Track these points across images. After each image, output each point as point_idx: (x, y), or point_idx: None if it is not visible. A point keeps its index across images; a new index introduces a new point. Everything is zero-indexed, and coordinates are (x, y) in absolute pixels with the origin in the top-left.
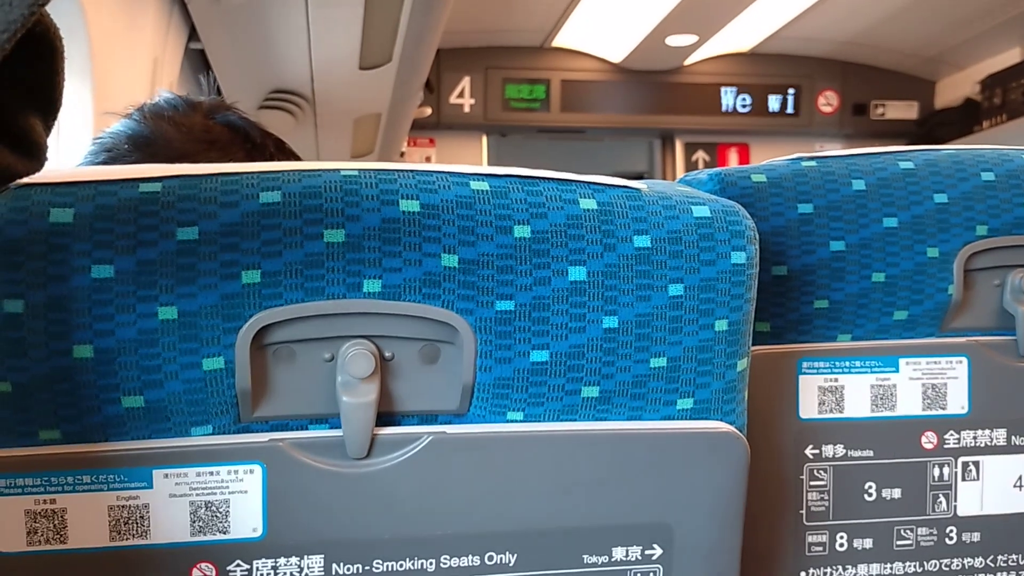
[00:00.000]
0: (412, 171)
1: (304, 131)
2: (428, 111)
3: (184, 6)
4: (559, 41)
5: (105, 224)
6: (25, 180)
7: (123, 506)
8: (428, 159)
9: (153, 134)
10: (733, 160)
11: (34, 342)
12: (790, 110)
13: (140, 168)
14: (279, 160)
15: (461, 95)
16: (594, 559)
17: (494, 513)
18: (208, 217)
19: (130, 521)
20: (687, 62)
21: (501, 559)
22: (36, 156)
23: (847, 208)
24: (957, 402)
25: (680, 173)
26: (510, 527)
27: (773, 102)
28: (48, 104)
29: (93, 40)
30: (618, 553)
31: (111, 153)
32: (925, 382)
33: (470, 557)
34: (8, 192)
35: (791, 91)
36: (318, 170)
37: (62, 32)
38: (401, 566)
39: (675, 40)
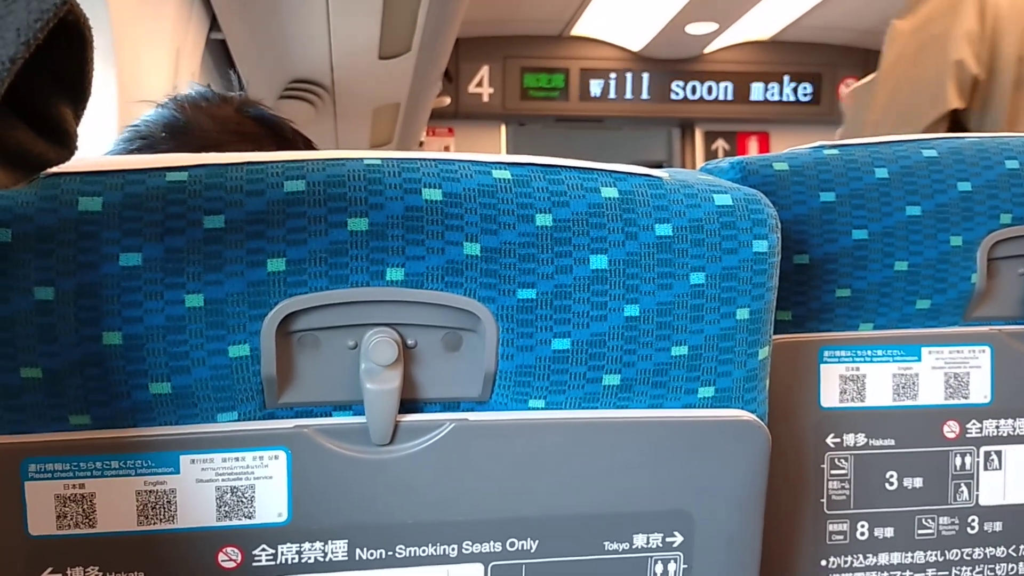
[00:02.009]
0: (435, 160)
1: (323, 121)
2: (447, 101)
3: None
4: (578, 30)
5: (133, 212)
6: (54, 169)
7: (151, 491)
8: (447, 149)
9: (190, 122)
10: (753, 149)
11: (64, 328)
12: (811, 98)
13: (167, 157)
14: None
15: (480, 84)
16: (615, 546)
17: (515, 500)
18: (234, 205)
19: (157, 506)
20: (707, 50)
21: (522, 545)
22: (67, 145)
23: (870, 196)
24: (980, 391)
25: (700, 162)
26: (531, 514)
27: (794, 90)
28: (78, 93)
29: (116, 29)
30: (639, 540)
31: (146, 140)
32: (948, 371)
33: (492, 543)
34: (38, 181)
35: (812, 79)
36: (342, 159)
37: None
38: (423, 551)
39: (695, 28)
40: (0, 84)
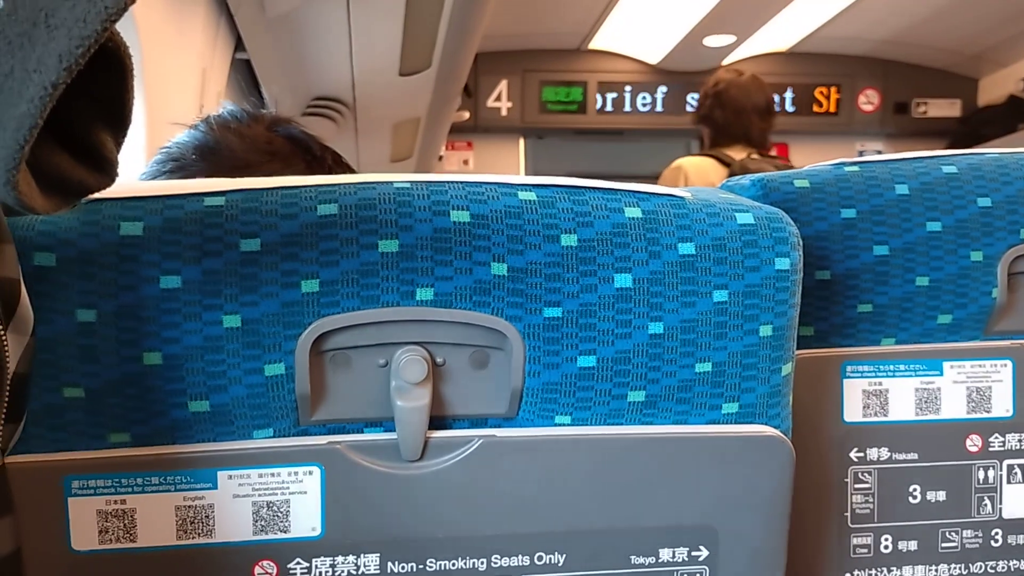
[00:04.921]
0: (462, 182)
1: (345, 137)
2: (466, 115)
3: (231, 18)
4: (596, 43)
5: (172, 236)
6: (96, 194)
7: (189, 506)
8: (466, 163)
9: (218, 144)
10: None
11: (106, 349)
12: (830, 109)
13: (204, 182)
14: (337, 172)
15: (498, 98)
16: (641, 560)
17: (543, 514)
18: (269, 228)
19: (196, 521)
20: (725, 62)
21: (550, 559)
22: (107, 171)
23: (890, 212)
24: (1002, 405)
25: None
26: (559, 528)
27: (813, 101)
28: (118, 120)
29: (145, 51)
30: (665, 554)
31: (178, 162)
32: (970, 385)
33: (520, 557)
34: (80, 206)
35: (831, 90)
36: (372, 183)
37: None
38: (453, 565)
39: (713, 41)
40: (42, 109)
